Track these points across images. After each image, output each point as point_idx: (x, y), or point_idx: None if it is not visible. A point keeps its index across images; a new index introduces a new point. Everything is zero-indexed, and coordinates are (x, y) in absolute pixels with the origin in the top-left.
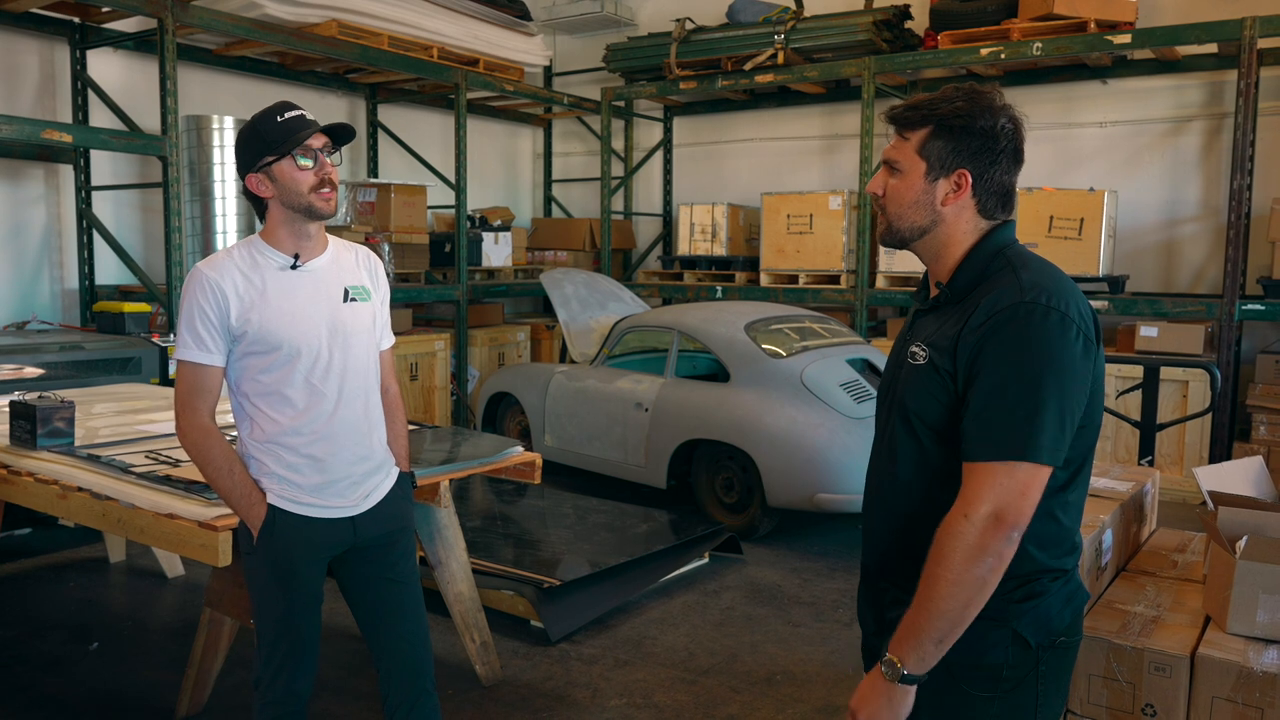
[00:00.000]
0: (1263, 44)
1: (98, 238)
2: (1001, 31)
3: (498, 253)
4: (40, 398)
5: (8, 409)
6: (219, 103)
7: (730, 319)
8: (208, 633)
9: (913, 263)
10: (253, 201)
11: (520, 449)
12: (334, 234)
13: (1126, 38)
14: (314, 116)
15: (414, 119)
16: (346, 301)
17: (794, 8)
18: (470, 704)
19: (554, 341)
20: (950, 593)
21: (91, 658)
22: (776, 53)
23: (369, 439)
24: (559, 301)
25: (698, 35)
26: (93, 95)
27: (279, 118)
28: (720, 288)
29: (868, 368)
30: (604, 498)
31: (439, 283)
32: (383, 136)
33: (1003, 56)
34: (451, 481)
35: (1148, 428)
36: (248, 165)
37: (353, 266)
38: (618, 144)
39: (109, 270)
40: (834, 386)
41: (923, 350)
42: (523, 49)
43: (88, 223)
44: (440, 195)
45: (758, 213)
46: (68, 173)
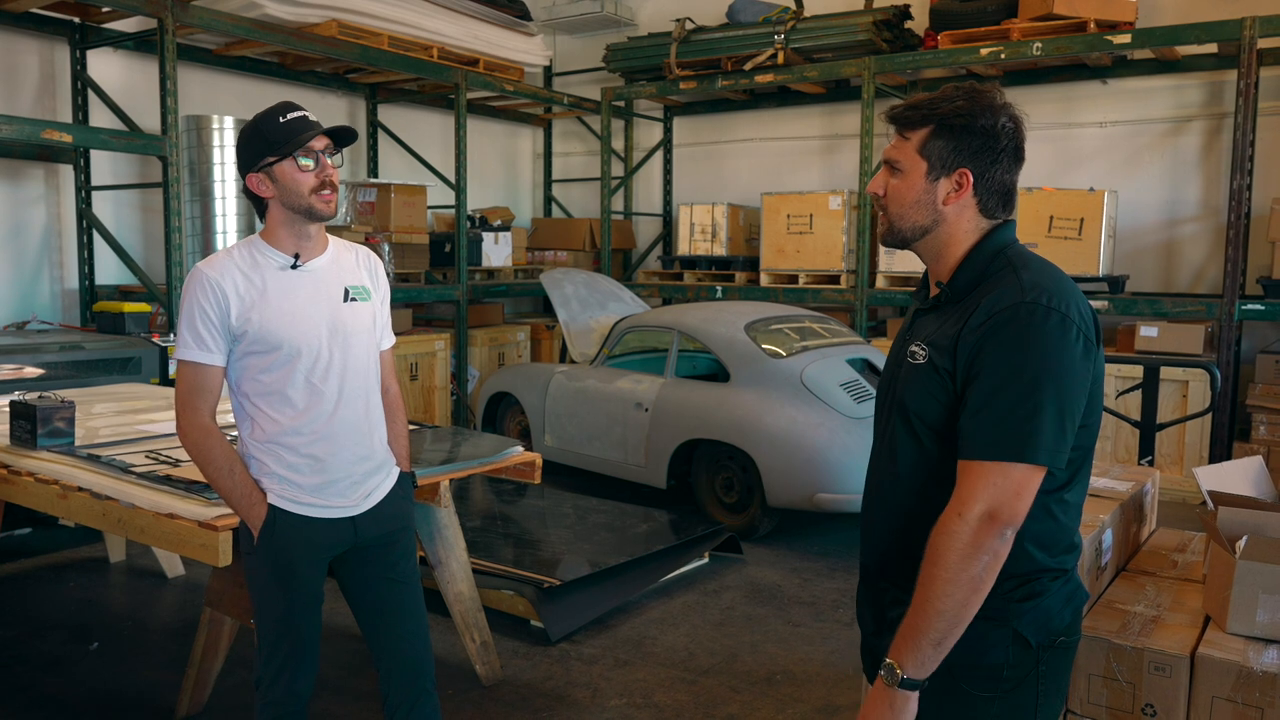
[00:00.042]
0: (1263, 44)
1: (98, 238)
2: (1001, 31)
3: (498, 253)
4: (40, 398)
5: (8, 409)
6: (219, 103)
7: (730, 319)
8: (208, 633)
9: (913, 263)
10: (253, 201)
11: (520, 449)
12: (334, 234)
13: (1126, 38)
14: (316, 118)
15: (414, 119)
16: (347, 301)
17: (794, 8)
18: (470, 704)
19: (554, 341)
20: (946, 592)
21: (91, 658)
22: (776, 53)
23: (369, 439)
24: (559, 301)
25: (698, 35)
26: (93, 95)
27: (281, 118)
28: (720, 288)
29: (868, 368)
30: (604, 498)
31: (439, 283)
32: (383, 136)
33: (1003, 56)
34: (451, 481)
35: (1148, 428)
36: (249, 165)
37: (353, 266)
38: (618, 144)
39: (109, 270)
40: (834, 386)
41: (922, 349)
42: (523, 49)
43: (88, 223)
44: (440, 195)
45: (758, 213)
46: (68, 173)
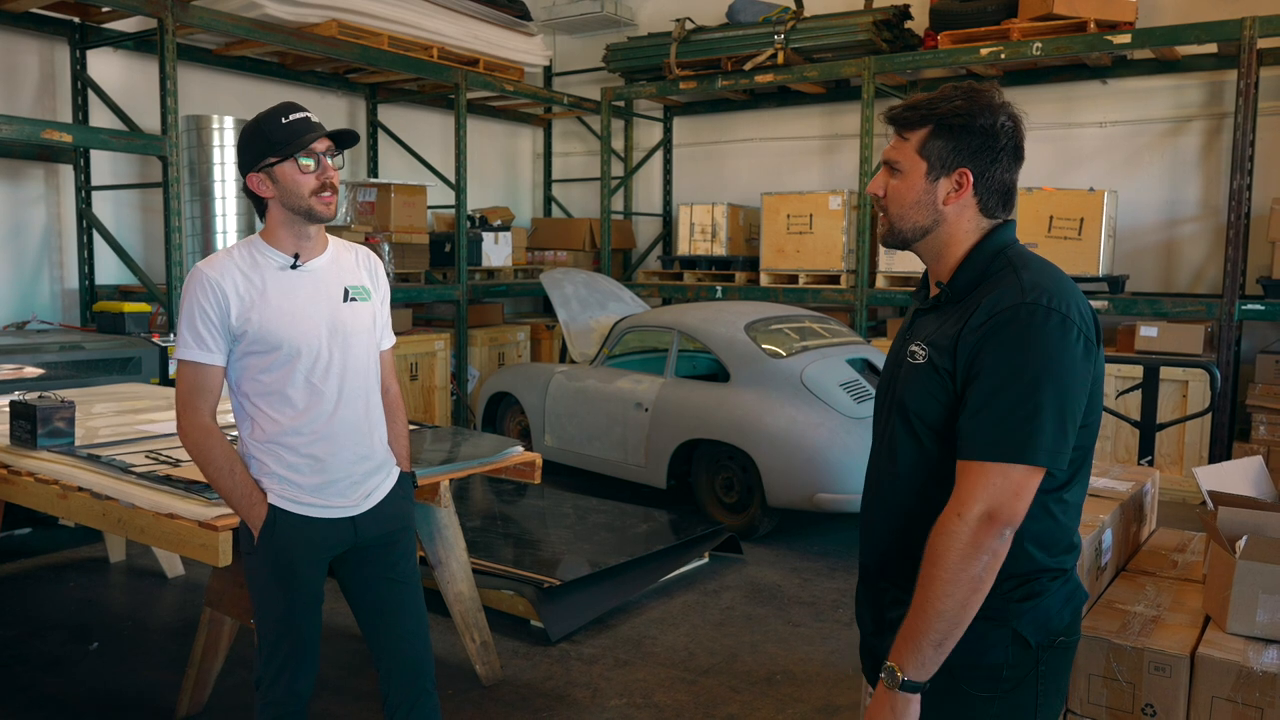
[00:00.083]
0: (1262, 44)
1: (98, 238)
2: (1001, 31)
3: (498, 253)
4: (40, 398)
5: (8, 409)
6: (219, 103)
7: (730, 319)
8: (208, 633)
9: (913, 262)
10: (253, 200)
11: (520, 449)
12: (334, 234)
13: (1126, 38)
14: (319, 119)
15: (414, 119)
16: (346, 301)
17: (794, 8)
18: (470, 704)
19: (554, 341)
20: (946, 592)
21: (91, 658)
22: (776, 53)
23: (369, 439)
24: (559, 301)
25: (698, 35)
26: (93, 95)
27: (284, 119)
28: (720, 288)
29: (868, 368)
30: (604, 498)
31: (439, 283)
32: (383, 136)
33: (1003, 56)
34: (451, 481)
35: (1147, 428)
36: (250, 164)
37: (353, 266)
38: (618, 144)
39: (109, 270)
40: (834, 386)
41: (922, 349)
42: (523, 49)
43: (88, 223)
44: (440, 195)
45: (758, 213)
46: (68, 173)
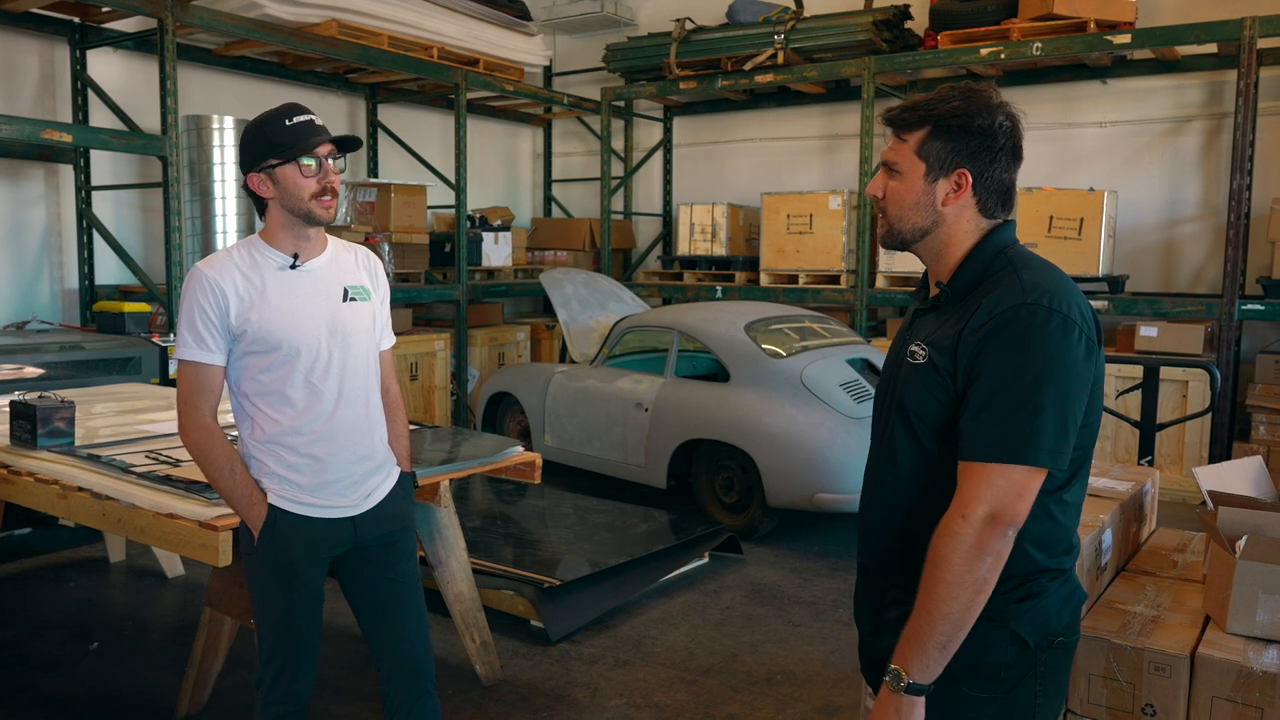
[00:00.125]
0: (1262, 44)
1: (98, 238)
2: (1001, 31)
3: (498, 253)
4: (40, 398)
5: (8, 409)
6: (219, 103)
7: (730, 319)
8: (208, 633)
9: (912, 262)
10: (253, 199)
11: (520, 449)
12: (334, 234)
13: (1126, 38)
14: (322, 122)
15: (414, 119)
16: (346, 301)
17: (794, 8)
18: (470, 704)
19: (554, 341)
20: (951, 594)
21: (91, 658)
22: (776, 53)
23: (369, 439)
24: (559, 301)
25: (698, 35)
26: (93, 95)
27: (287, 121)
28: (720, 288)
29: (868, 368)
30: (604, 498)
31: (439, 283)
32: (383, 136)
33: (1003, 56)
34: (451, 481)
35: (1147, 428)
36: (251, 164)
37: (352, 266)
38: (618, 144)
39: (109, 270)
40: (834, 386)
41: (922, 349)
42: (523, 49)
43: (88, 223)
44: (440, 195)
45: (758, 213)
46: (68, 173)
